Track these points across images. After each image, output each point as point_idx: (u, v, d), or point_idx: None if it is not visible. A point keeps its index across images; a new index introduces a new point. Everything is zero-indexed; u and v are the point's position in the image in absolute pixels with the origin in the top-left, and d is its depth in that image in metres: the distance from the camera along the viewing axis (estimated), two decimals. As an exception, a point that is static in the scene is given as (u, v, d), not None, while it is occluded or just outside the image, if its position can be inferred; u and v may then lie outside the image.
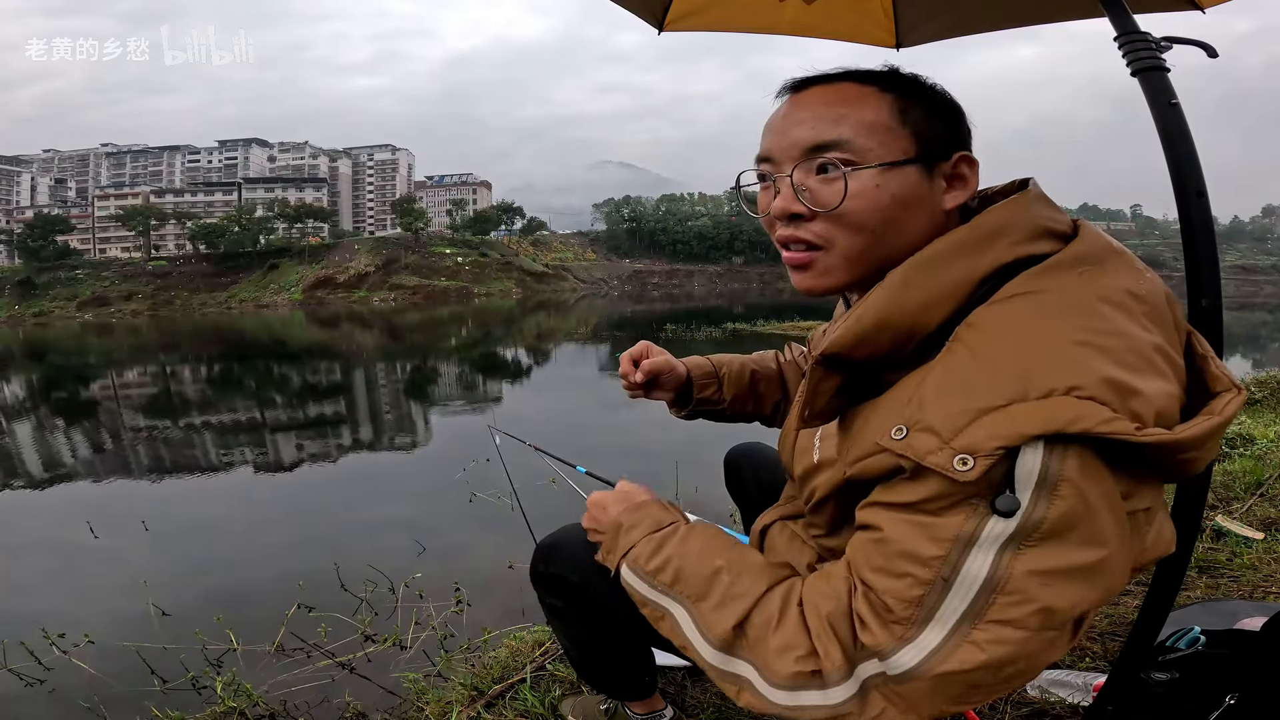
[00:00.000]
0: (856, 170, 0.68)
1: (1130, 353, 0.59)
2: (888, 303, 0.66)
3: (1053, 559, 0.57)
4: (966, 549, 0.59)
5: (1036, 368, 0.58)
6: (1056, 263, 0.65)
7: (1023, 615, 0.58)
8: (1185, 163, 0.92)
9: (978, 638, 0.59)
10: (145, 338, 36.77)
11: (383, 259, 76.70)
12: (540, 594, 1.14)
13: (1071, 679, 1.46)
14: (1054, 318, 0.61)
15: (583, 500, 2.25)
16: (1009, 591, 0.58)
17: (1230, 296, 7.15)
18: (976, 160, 0.72)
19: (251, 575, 4.14)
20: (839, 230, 0.70)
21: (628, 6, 1.53)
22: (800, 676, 0.65)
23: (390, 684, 2.24)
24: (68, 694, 2.62)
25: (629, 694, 1.31)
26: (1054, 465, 0.56)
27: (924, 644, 0.60)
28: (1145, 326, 0.63)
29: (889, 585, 0.62)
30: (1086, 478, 0.57)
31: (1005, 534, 0.57)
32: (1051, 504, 0.56)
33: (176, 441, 9.50)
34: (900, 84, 0.72)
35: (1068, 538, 0.57)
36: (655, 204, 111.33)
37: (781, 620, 0.68)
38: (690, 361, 1.21)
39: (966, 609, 0.59)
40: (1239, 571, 2.02)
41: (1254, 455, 3.24)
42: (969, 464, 0.57)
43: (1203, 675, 1.14)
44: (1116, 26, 0.98)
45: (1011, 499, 0.57)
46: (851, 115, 0.70)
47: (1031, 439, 0.56)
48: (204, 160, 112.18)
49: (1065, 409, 0.55)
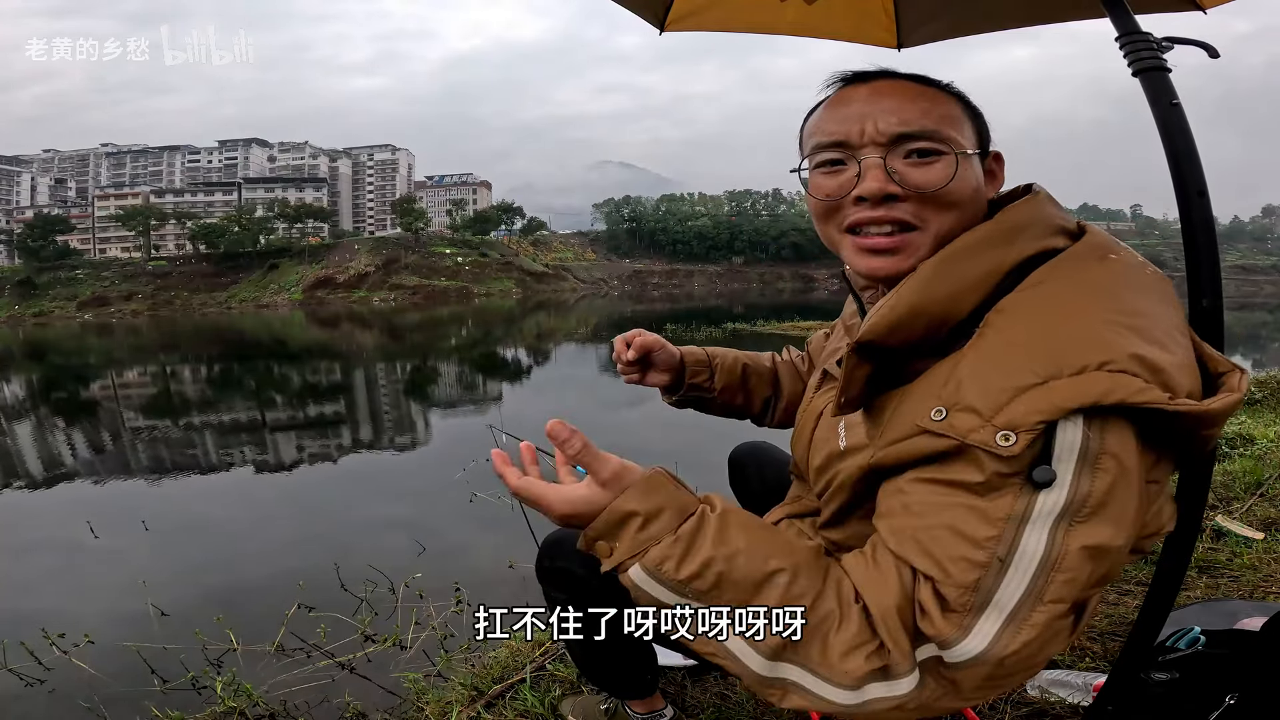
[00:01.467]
0: (955, 157, 0.72)
1: (1155, 330, 0.62)
2: (921, 291, 0.68)
3: (1100, 534, 0.59)
4: (1021, 526, 0.59)
5: (1069, 346, 0.60)
6: (1075, 253, 0.69)
7: (1070, 592, 0.59)
8: (1186, 162, 0.92)
9: (1035, 619, 0.59)
10: (145, 338, 36.78)
11: (383, 259, 76.70)
12: (545, 589, 1.14)
13: (1071, 679, 1.46)
14: (1081, 300, 0.64)
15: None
16: (1065, 569, 0.59)
17: (1230, 296, 7.13)
18: (1004, 158, 0.79)
19: (251, 575, 4.14)
20: (933, 211, 0.73)
21: (629, 7, 1.53)
22: (871, 675, 0.63)
23: (390, 684, 2.24)
24: (68, 694, 2.61)
25: (630, 692, 1.31)
26: (1094, 438, 0.58)
27: (985, 631, 0.60)
28: (1166, 307, 0.67)
29: (944, 570, 0.61)
30: (1126, 450, 0.59)
31: (1057, 508, 0.58)
32: (1095, 477, 0.58)
33: (176, 441, 9.50)
34: (945, 88, 0.77)
35: (1110, 510, 0.59)
36: (655, 204, 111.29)
37: (844, 619, 0.65)
38: (685, 349, 1.23)
39: (1027, 589, 0.59)
40: (1239, 571, 2.02)
41: (1254, 455, 3.24)
42: (1011, 440, 0.58)
43: (1203, 675, 1.14)
44: (1118, 27, 0.98)
45: (1048, 470, 0.58)
46: (935, 110, 0.74)
47: (1071, 412, 0.57)
48: (204, 160, 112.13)
49: (1100, 382, 0.57)
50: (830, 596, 0.66)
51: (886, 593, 0.64)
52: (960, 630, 0.60)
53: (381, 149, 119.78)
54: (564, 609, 1.12)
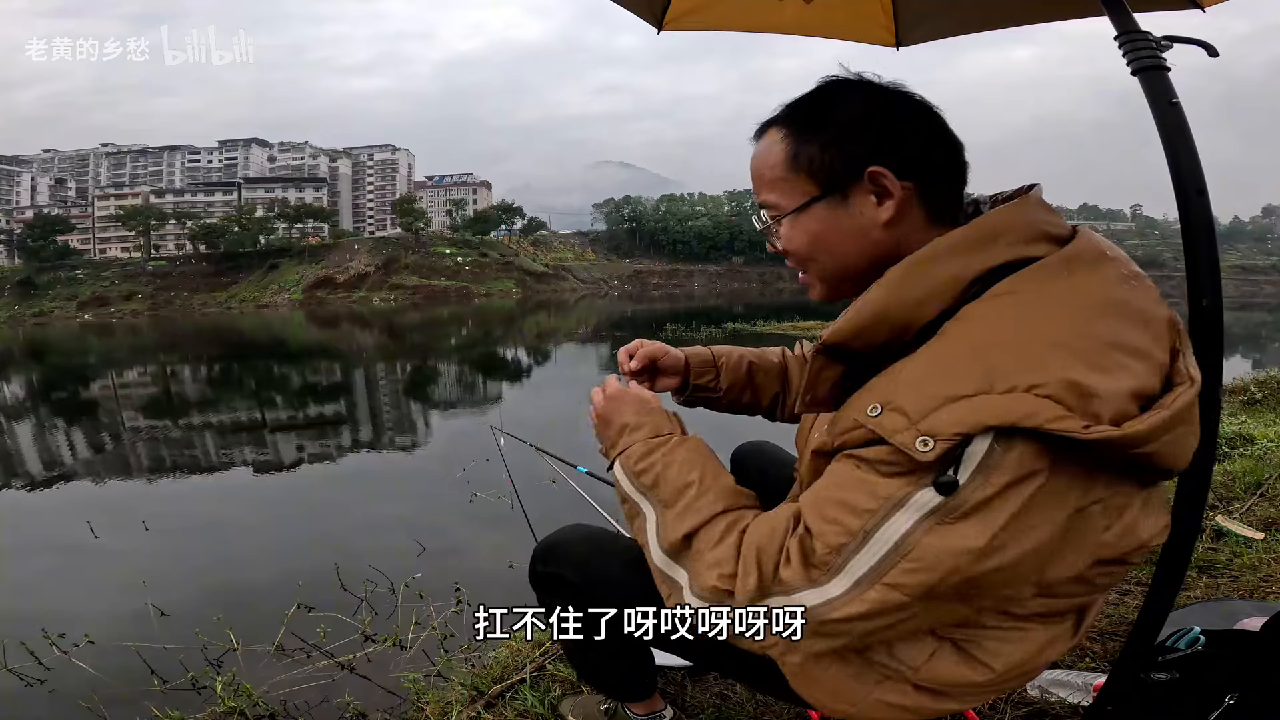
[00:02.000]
0: (779, 220, 0.79)
1: (1101, 353, 0.63)
2: (885, 297, 0.70)
3: (961, 539, 0.62)
4: (894, 510, 0.63)
5: (1006, 363, 0.62)
6: (1046, 264, 0.68)
7: (913, 583, 0.63)
8: (1185, 162, 0.92)
9: (870, 595, 0.65)
10: (145, 338, 36.78)
11: (383, 259, 76.69)
12: (539, 595, 1.13)
13: (1071, 679, 1.46)
14: (1034, 316, 0.65)
15: (584, 500, 2.25)
16: (912, 559, 0.63)
17: (1230, 296, 7.14)
18: (887, 170, 0.73)
19: (251, 575, 4.14)
20: (799, 260, 0.81)
21: (627, 6, 1.53)
22: (716, 592, 0.72)
23: (390, 684, 2.24)
24: (68, 694, 2.62)
25: (629, 694, 1.31)
26: (997, 453, 0.60)
27: (828, 591, 0.66)
28: (1126, 327, 0.66)
29: (821, 529, 0.67)
30: (1022, 470, 0.61)
31: (929, 506, 0.62)
32: (979, 488, 0.61)
33: (176, 441, 9.51)
34: (796, 121, 0.77)
35: (981, 517, 0.61)
36: (655, 204, 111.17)
37: (721, 540, 0.74)
38: (690, 350, 1.25)
39: (872, 566, 0.64)
40: (1239, 571, 2.02)
41: (1254, 455, 3.24)
42: (929, 445, 0.61)
43: (1202, 675, 1.14)
44: (1117, 26, 0.98)
45: (951, 480, 0.61)
46: (766, 175, 0.79)
47: (986, 429, 0.60)
48: (204, 160, 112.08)
49: (1022, 404, 0.59)
50: (724, 521, 0.76)
51: (764, 533, 0.72)
52: (809, 584, 0.67)
53: (381, 149, 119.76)
54: (563, 610, 1.12)
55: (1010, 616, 0.74)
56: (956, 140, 0.77)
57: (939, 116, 0.77)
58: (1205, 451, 0.92)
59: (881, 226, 0.74)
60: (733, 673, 1.10)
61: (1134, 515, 0.70)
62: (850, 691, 0.80)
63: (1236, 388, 5.74)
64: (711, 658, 1.06)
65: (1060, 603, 0.75)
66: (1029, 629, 0.76)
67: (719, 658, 1.03)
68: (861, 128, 0.74)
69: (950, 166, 0.77)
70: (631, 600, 0.97)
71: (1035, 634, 0.76)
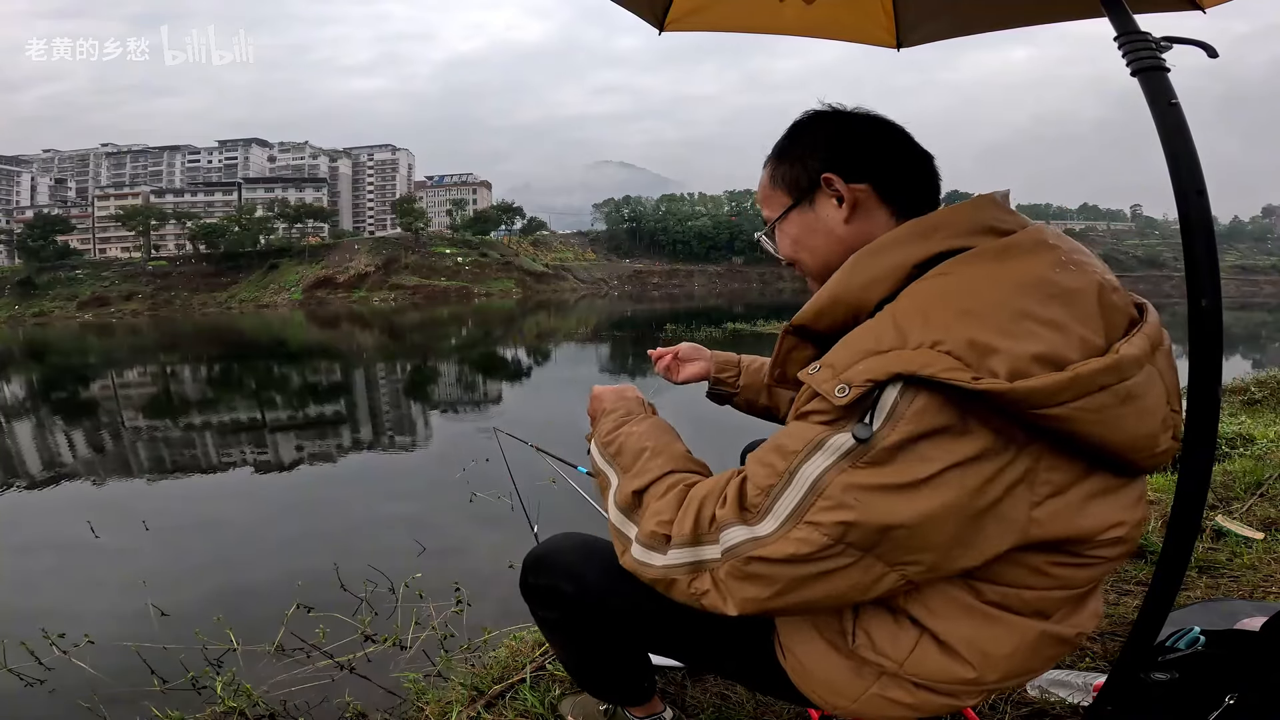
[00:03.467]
0: (773, 231, 0.95)
1: (1011, 320, 0.69)
2: (839, 283, 0.80)
3: (870, 478, 0.67)
4: (814, 451, 0.70)
5: (920, 325, 0.69)
6: (981, 251, 0.76)
7: (829, 521, 0.68)
8: (1184, 162, 0.92)
9: (794, 534, 0.70)
10: (145, 338, 36.78)
11: (383, 259, 76.62)
12: (532, 607, 1.14)
13: (1071, 679, 1.46)
14: (954, 290, 0.72)
15: (584, 500, 2.25)
16: (826, 496, 0.68)
17: (1230, 296, 7.11)
18: (836, 175, 0.86)
19: (251, 575, 4.14)
20: (790, 261, 0.96)
21: (628, 6, 1.53)
22: (654, 537, 0.79)
23: (390, 684, 2.24)
24: (67, 694, 2.62)
25: (628, 700, 1.31)
26: (903, 405, 0.67)
27: (757, 531, 0.72)
28: (1044, 302, 0.71)
29: (755, 471, 0.74)
30: (924, 416, 0.66)
31: (844, 448, 0.68)
32: (889, 435, 0.67)
33: (176, 441, 9.51)
34: (777, 150, 0.93)
35: (890, 464, 0.67)
36: (655, 204, 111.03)
37: (665, 494, 0.82)
38: (720, 354, 1.42)
39: (795, 505, 0.70)
40: (1239, 571, 2.02)
41: (1254, 455, 3.24)
42: (845, 391, 0.69)
43: (1202, 675, 1.14)
44: (1116, 26, 0.98)
45: (866, 427, 0.68)
46: (760, 196, 0.97)
47: (893, 377, 0.67)
48: (204, 160, 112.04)
49: (922, 357, 0.66)
50: (672, 479, 0.84)
51: (708, 485, 0.79)
52: (741, 524, 0.73)
53: (381, 149, 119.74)
54: (552, 627, 1.13)
55: (970, 599, 0.77)
56: (917, 149, 0.88)
57: (896, 130, 0.88)
58: (1205, 451, 0.92)
59: (844, 224, 0.87)
60: (731, 673, 1.10)
61: (1075, 499, 0.73)
62: (847, 686, 0.82)
63: (1237, 388, 5.75)
64: (709, 660, 1.06)
65: (1024, 594, 0.77)
66: (1000, 620, 0.78)
67: (718, 659, 1.03)
68: (818, 145, 0.88)
69: (906, 170, 0.87)
70: (626, 603, 0.97)
71: (1010, 627, 0.78)
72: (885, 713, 0.81)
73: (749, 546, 0.71)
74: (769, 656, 0.91)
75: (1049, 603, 0.79)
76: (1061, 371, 0.67)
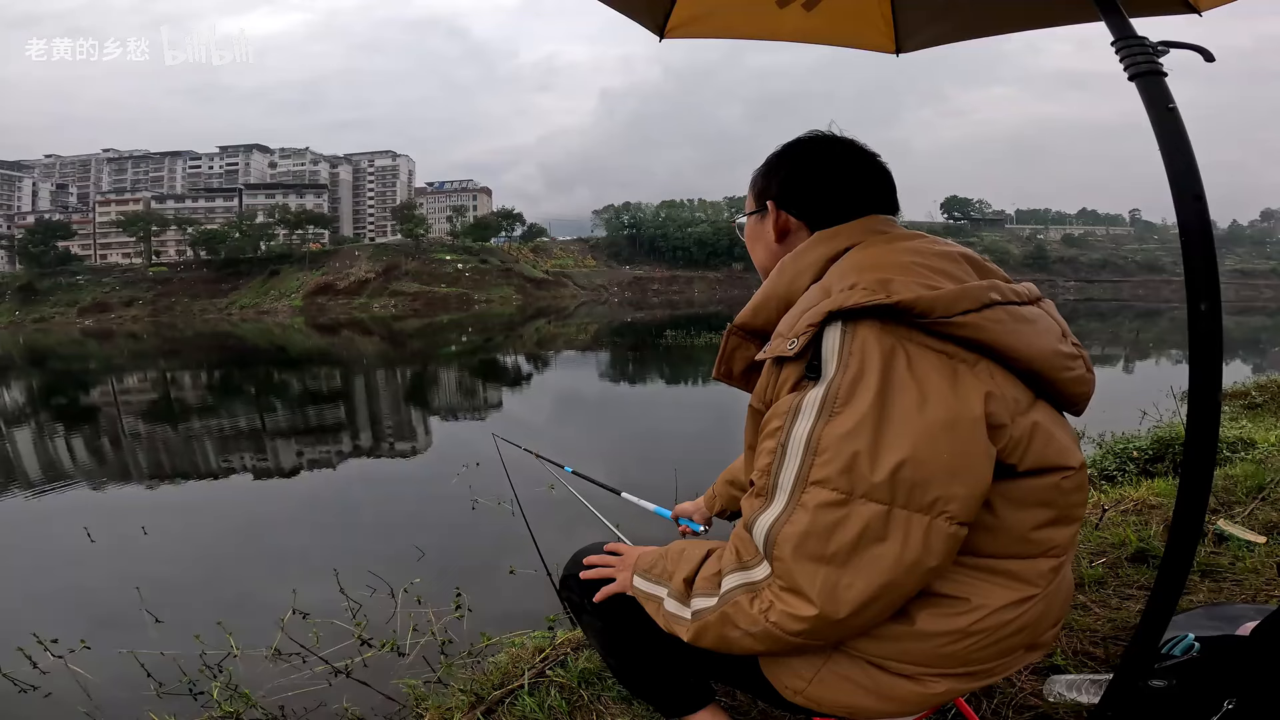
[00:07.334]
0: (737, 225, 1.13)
1: (903, 269, 0.82)
2: (771, 284, 0.93)
3: (850, 420, 0.73)
4: (795, 418, 0.76)
5: (838, 281, 0.82)
6: (873, 240, 0.91)
7: (831, 474, 0.73)
8: (1182, 166, 0.92)
9: (806, 500, 0.74)
10: (146, 344, 36.78)
11: (383, 265, 76.65)
12: (575, 618, 1.15)
13: (1074, 681, 1.46)
14: (859, 259, 0.87)
15: (580, 502, 2.25)
16: (822, 450, 0.74)
17: (1230, 301, 7.13)
18: (779, 206, 1.01)
19: (249, 580, 4.13)
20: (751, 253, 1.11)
21: (629, 14, 1.54)
22: (707, 582, 0.87)
23: (389, 690, 2.23)
24: (64, 700, 2.61)
25: (679, 707, 1.18)
26: (846, 339, 0.76)
27: (772, 511, 0.77)
28: (924, 260, 0.85)
29: (756, 460, 0.81)
30: (868, 346, 0.75)
31: (817, 400, 0.75)
32: (845, 371, 0.75)
33: (175, 448, 9.50)
34: (764, 164, 1.06)
35: (861, 396, 0.73)
36: (655, 210, 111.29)
37: (708, 560, 0.90)
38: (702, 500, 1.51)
39: (797, 473, 0.75)
40: (1241, 576, 2.01)
41: (1255, 459, 3.23)
42: (794, 344, 0.78)
43: (1200, 681, 1.13)
44: (1114, 31, 0.99)
45: (817, 367, 0.76)
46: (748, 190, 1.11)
47: (829, 317, 0.77)
48: (205, 166, 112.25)
49: (844, 296, 0.77)
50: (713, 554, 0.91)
51: (735, 532, 0.86)
52: (759, 511, 0.78)
53: (382, 155, 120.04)
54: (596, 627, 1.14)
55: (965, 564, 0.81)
56: (863, 185, 0.98)
57: (847, 172, 0.99)
58: (1206, 456, 0.92)
59: (775, 241, 1.02)
60: (727, 677, 1.10)
61: (1037, 420, 0.81)
62: (803, 665, 0.87)
63: (1237, 392, 5.74)
64: (708, 663, 1.05)
65: (1011, 564, 0.82)
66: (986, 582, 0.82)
67: (712, 662, 1.02)
68: (777, 176, 1.03)
69: (840, 210, 0.97)
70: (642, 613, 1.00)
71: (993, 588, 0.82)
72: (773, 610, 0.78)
73: (775, 528, 0.76)
74: (752, 658, 0.92)
75: (1030, 569, 0.84)
76: (948, 288, 0.79)
